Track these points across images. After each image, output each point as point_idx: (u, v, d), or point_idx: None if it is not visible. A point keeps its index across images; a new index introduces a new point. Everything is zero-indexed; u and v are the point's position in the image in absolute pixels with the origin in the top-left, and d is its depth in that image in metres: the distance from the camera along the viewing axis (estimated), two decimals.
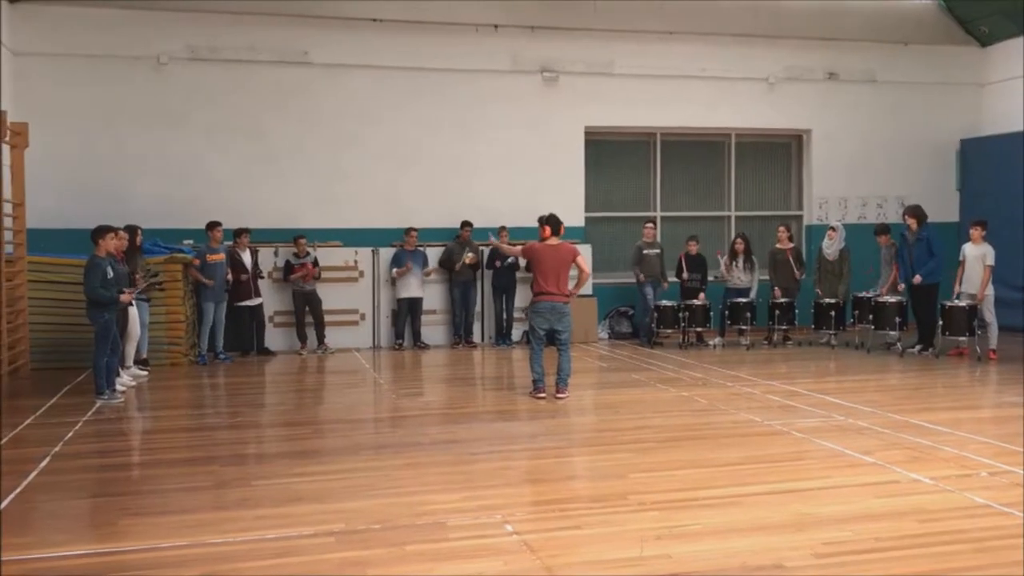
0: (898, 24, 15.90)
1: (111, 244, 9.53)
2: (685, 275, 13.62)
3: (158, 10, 13.16)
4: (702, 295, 13.51)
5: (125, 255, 10.25)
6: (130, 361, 10.70)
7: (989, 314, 11.70)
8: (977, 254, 11.75)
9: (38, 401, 9.19)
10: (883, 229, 13.08)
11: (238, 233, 12.70)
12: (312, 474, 6.34)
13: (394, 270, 13.51)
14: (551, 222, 9.33)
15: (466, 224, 13.70)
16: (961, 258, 11.97)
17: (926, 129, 16.16)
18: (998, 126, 15.74)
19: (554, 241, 9.28)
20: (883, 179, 16.07)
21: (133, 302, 10.41)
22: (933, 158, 16.21)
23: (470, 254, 13.53)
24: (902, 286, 12.38)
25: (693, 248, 13.78)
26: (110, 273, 9.28)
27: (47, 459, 6.78)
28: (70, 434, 7.68)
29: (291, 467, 6.57)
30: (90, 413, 8.64)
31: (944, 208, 15.75)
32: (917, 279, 12.06)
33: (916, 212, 12.32)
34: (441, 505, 5.50)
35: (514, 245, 13.51)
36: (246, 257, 12.73)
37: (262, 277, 13.03)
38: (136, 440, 8.05)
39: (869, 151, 15.98)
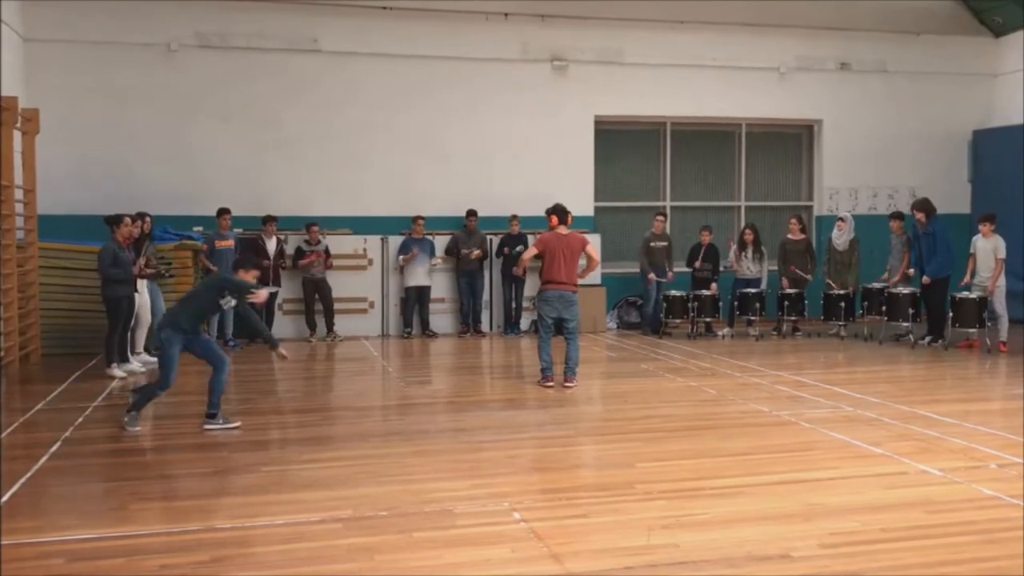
0: (910, 14, 15.79)
1: (125, 231, 9.70)
2: (698, 264, 13.60)
3: None
4: (713, 285, 13.50)
5: (134, 242, 10.30)
6: (140, 347, 10.75)
7: (1000, 306, 11.65)
8: (988, 247, 11.68)
9: (49, 387, 9.24)
10: (897, 215, 13.04)
11: (265, 220, 12.78)
12: (321, 461, 6.36)
13: (400, 257, 13.53)
14: (557, 211, 9.35)
15: (471, 213, 13.69)
16: (972, 250, 11.92)
17: (938, 120, 16.06)
18: (1011, 117, 15.62)
19: (563, 230, 9.29)
20: (894, 170, 16.00)
21: (141, 289, 10.46)
22: (945, 149, 16.12)
23: (476, 251, 13.52)
24: (912, 270, 12.35)
25: (706, 238, 13.76)
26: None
27: (58, 444, 6.82)
28: (80, 419, 7.73)
29: (300, 454, 6.60)
30: (100, 398, 8.68)
31: (956, 199, 15.68)
32: (925, 280, 12.04)
33: (924, 206, 12.23)
34: (449, 492, 5.52)
35: (524, 234, 13.64)
36: (270, 245, 12.79)
37: (284, 268, 13.05)
38: (146, 425, 8.06)
39: (880, 142, 15.90)
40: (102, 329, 10.22)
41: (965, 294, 11.68)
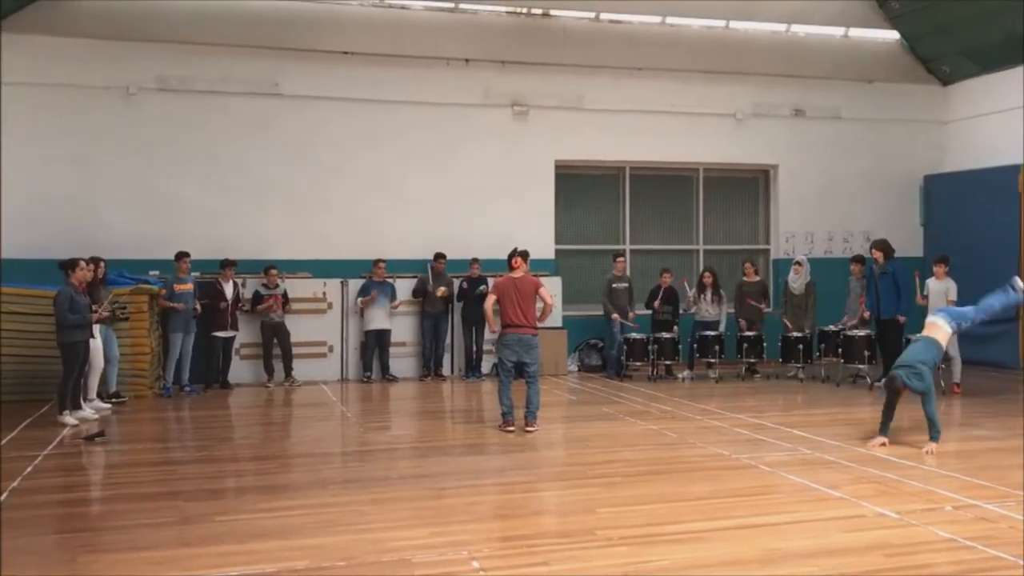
0: (863, 62, 16.23)
1: (80, 275, 9.63)
2: (657, 304, 13.67)
3: (128, 40, 13.12)
4: (675, 327, 13.57)
5: (88, 287, 10.16)
6: (92, 394, 10.54)
7: (953, 348, 11.81)
8: (940, 289, 11.90)
9: None
10: (858, 259, 13.25)
11: (223, 264, 12.68)
12: (277, 509, 6.26)
13: (359, 299, 13.45)
14: (512, 255, 9.46)
15: (440, 256, 13.68)
16: (925, 293, 12.13)
17: (890, 165, 16.44)
18: (960, 163, 16.05)
19: (518, 274, 9.34)
20: (849, 214, 16.29)
21: (96, 335, 10.29)
22: (898, 194, 16.47)
23: (442, 288, 13.52)
24: (868, 314, 12.52)
25: (666, 280, 13.85)
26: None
27: (5, 494, 6.64)
28: (30, 468, 7.54)
29: (256, 502, 6.49)
30: (52, 447, 8.49)
31: (909, 243, 15.97)
32: (901, 319, 12.05)
33: (882, 246, 12.43)
34: (408, 541, 5.45)
35: (485, 276, 13.64)
36: (228, 288, 12.67)
37: (244, 310, 12.94)
38: (98, 474, 7.91)
39: (835, 186, 16.21)
40: (53, 375, 10.04)
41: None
